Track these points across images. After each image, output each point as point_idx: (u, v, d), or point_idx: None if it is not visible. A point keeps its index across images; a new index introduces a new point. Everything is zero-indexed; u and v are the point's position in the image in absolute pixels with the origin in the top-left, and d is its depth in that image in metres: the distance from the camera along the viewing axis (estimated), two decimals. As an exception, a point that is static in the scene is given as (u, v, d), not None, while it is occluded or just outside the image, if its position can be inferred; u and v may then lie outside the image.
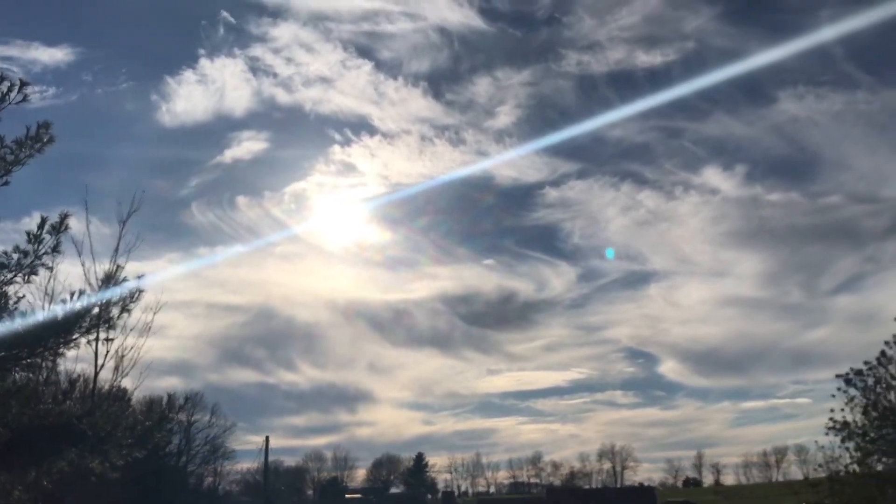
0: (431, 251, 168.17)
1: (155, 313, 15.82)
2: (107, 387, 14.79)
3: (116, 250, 15.43)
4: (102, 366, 14.94)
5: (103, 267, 15.24)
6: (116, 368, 14.93)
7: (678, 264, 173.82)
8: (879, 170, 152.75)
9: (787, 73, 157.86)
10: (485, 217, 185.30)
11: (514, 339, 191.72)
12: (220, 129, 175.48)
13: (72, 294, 12.68)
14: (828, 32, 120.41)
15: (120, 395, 16.04)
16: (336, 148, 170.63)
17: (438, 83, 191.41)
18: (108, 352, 14.86)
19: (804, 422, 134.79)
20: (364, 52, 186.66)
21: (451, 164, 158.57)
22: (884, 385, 22.39)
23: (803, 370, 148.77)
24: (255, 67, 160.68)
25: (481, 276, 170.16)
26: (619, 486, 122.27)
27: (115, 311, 12.69)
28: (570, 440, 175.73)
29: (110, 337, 14.03)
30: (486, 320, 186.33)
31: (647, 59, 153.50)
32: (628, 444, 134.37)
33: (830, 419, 23.31)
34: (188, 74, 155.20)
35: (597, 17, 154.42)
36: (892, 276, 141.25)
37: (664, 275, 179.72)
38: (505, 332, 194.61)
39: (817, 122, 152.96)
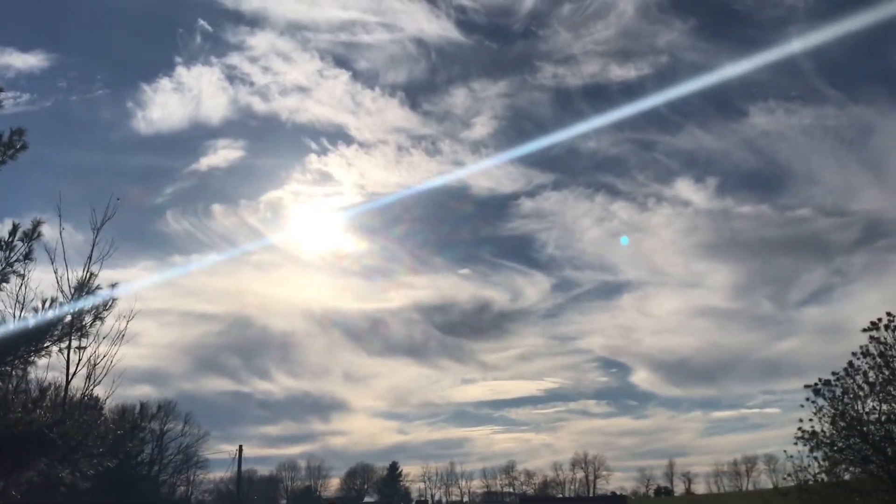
0: (407, 261, 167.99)
1: (128, 321, 15.74)
2: (78, 395, 14.68)
3: (90, 258, 15.33)
4: (74, 374, 14.82)
5: (76, 274, 15.13)
6: (88, 377, 14.81)
7: (651, 275, 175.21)
8: (848, 184, 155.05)
9: (758, 88, 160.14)
10: (461, 227, 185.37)
11: (488, 348, 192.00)
12: (196, 137, 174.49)
13: (44, 302, 12.60)
14: (797, 47, 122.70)
15: (92, 404, 15.91)
16: (312, 157, 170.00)
17: (415, 94, 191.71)
18: (80, 360, 14.75)
19: (774, 431, 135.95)
20: (341, 61, 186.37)
21: (428, 174, 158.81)
22: (851, 395, 22.72)
23: (773, 380, 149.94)
24: (232, 76, 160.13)
25: (457, 286, 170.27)
26: (591, 495, 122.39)
27: (87, 320, 12.62)
28: (543, 449, 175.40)
29: (82, 345, 13.94)
30: (461, 330, 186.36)
31: (621, 72, 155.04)
32: (601, 453, 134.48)
33: (799, 429, 23.63)
34: (164, 82, 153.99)
35: (572, 31, 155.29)
36: (859, 288, 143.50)
37: (637, 285, 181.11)
38: (480, 342, 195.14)
39: (787, 136, 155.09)
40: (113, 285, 14.73)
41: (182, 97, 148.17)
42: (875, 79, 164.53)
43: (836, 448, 22.74)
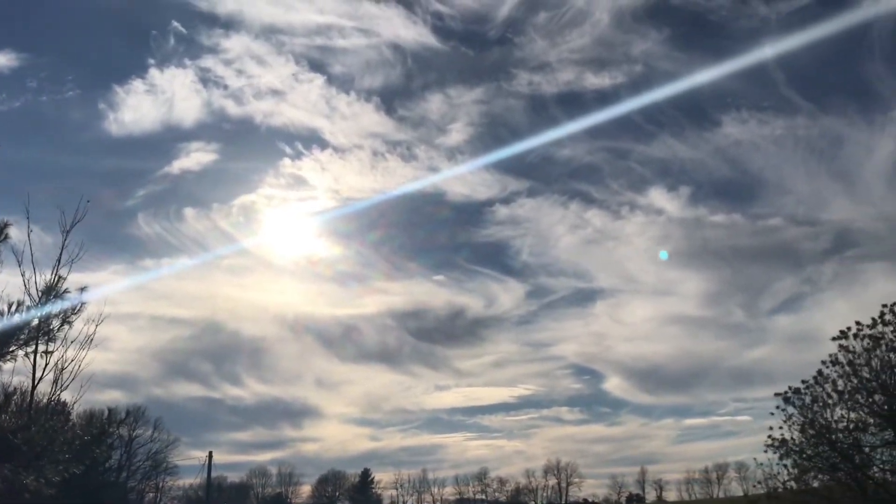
0: (382, 266, 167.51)
1: (97, 325, 15.49)
2: (45, 400, 14.41)
3: (59, 260, 15.09)
4: (41, 378, 14.54)
5: (45, 277, 14.88)
6: (55, 381, 14.54)
7: (624, 282, 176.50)
8: (818, 194, 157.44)
9: (731, 98, 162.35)
10: (436, 233, 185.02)
11: (462, 354, 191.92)
12: (169, 139, 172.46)
13: (10, 305, 12.36)
14: (770, 58, 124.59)
15: (58, 409, 15.64)
16: (286, 161, 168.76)
17: (391, 99, 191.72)
18: (46, 364, 14.49)
19: (745, 439, 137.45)
20: (316, 66, 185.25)
21: (403, 180, 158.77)
22: (820, 403, 23.00)
23: (744, 388, 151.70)
24: (206, 78, 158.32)
25: (431, 292, 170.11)
26: (563, 502, 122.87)
27: (55, 324, 12.39)
28: (516, 456, 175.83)
29: (50, 349, 13.69)
30: (435, 336, 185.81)
31: (595, 80, 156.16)
32: (573, 460, 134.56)
33: (769, 437, 23.86)
34: (137, 84, 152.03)
35: (548, 39, 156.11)
36: (829, 297, 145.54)
37: (610, 293, 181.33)
38: (453, 348, 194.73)
39: (759, 146, 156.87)
40: (82, 289, 14.49)
41: (155, 99, 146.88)
42: (845, 91, 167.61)
43: (805, 456, 22.98)
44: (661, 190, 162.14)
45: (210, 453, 67.21)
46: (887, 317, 21.62)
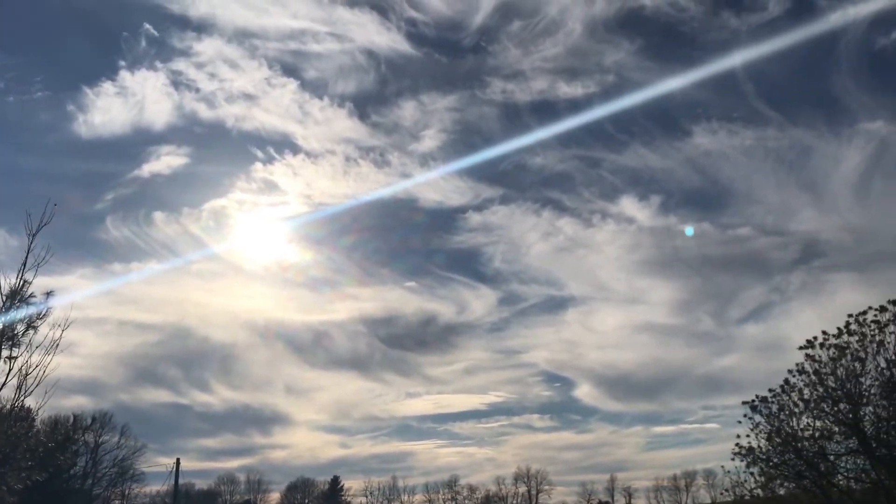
0: (354, 272, 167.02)
1: (63, 330, 15.27)
2: (8, 406, 14.16)
3: (24, 264, 14.86)
4: (4, 384, 14.30)
5: (9, 281, 14.64)
6: (20, 387, 14.30)
7: (595, 290, 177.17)
8: (787, 204, 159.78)
9: (702, 108, 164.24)
10: (408, 239, 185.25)
11: (433, 361, 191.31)
12: (139, 142, 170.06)
13: (-27, 309, 12.11)
14: (740, 70, 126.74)
15: (22, 415, 15.36)
16: (258, 165, 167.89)
17: (364, 105, 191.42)
18: (10, 370, 14.25)
19: (713, 446, 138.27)
20: (290, 70, 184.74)
21: (376, 186, 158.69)
22: (787, 412, 23.33)
23: (713, 396, 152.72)
24: (178, 81, 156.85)
25: (403, 298, 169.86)
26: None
27: (20, 328, 12.18)
28: (486, 463, 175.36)
29: (13, 355, 13.47)
30: (406, 342, 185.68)
31: (568, 89, 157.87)
32: (544, 467, 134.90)
33: (737, 445, 24.17)
34: (107, 86, 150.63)
35: (521, 48, 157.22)
36: (796, 306, 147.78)
37: (581, 300, 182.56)
38: (425, 355, 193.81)
39: (729, 157, 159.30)
40: (48, 293, 14.28)
41: (125, 102, 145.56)
42: (813, 103, 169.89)
43: (771, 464, 23.30)
44: (632, 199, 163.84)
45: (178, 460, 66.31)
46: (853, 327, 22.00)
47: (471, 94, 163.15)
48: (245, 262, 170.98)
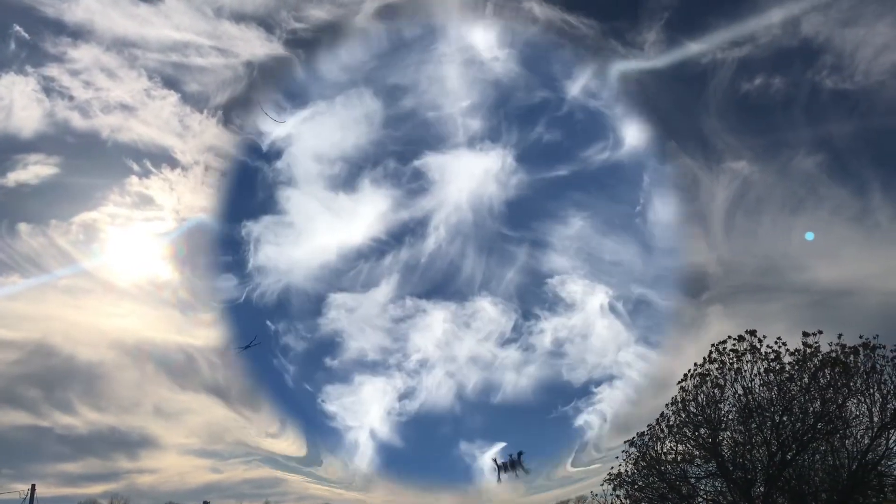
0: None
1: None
2: None
3: None
4: None
5: None
6: None
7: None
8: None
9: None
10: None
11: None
12: (4, 149, 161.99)
13: None
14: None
15: None
16: (133, 179, 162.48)
17: (230, 110, 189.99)
18: None
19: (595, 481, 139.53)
20: (170, 82, 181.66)
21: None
22: (654, 439, 24.29)
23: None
24: (49, 88, 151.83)
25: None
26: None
27: None
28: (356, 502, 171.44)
29: None
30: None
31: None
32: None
33: (608, 473, 25.02)
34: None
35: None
36: (685, 342, 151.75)
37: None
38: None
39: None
40: None
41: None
42: (690, 138, 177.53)
43: (636, 486, 24.12)
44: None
45: (33, 486, 63.05)
46: (713, 355, 23.25)
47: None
48: (117, 279, 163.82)
